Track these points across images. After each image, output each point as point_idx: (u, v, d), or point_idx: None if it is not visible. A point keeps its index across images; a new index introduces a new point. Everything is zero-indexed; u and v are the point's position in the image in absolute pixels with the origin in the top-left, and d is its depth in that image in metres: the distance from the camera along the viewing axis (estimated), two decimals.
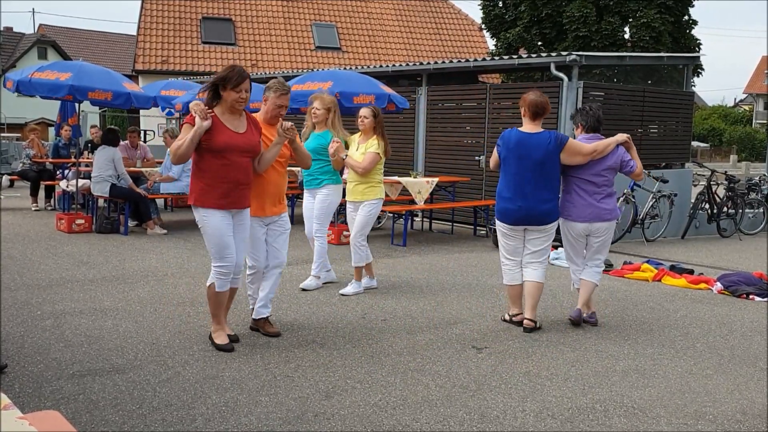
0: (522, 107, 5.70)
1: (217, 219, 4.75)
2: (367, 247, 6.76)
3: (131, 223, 10.30)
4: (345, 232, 9.04)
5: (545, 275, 5.77)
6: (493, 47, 26.05)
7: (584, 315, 5.88)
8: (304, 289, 6.74)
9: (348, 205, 6.91)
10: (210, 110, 4.71)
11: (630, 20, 23.23)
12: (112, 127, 10.85)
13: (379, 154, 6.64)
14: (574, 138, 5.91)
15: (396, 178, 10.53)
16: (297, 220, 8.22)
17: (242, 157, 4.79)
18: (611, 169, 5.78)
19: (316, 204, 6.82)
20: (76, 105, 11.51)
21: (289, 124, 5.03)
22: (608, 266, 8.41)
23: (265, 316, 5.34)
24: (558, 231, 5.92)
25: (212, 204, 4.73)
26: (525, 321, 5.63)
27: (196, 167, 4.81)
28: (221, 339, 4.94)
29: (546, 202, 5.58)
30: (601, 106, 10.92)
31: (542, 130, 5.65)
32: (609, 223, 5.79)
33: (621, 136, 5.85)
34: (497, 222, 5.82)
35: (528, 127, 5.66)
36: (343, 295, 6.58)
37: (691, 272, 8.09)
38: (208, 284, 4.90)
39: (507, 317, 5.86)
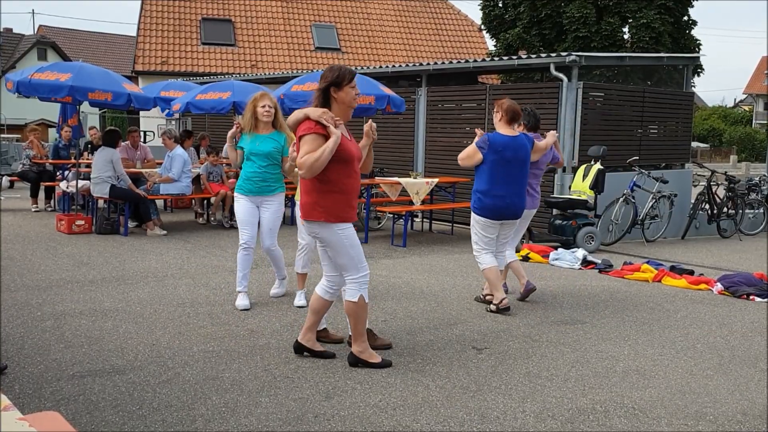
0: (498, 112, 6.10)
1: (353, 230, 4.53)
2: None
3: (131, 224, 10.30)
4: None
5: None
6: (493, 48, 26.08)
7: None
8: (272, 297, 6.49)
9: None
10: (338, 117, 4.39)
11: (630, 21, 23.24)
12: (112, 127, 10.83)
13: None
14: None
15: (395, 179, 10.53)
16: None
17: (357, 164, 4.55)
18: (545, 164, 6.81)
19: (271, 213, 6.24)
20: (76, 106, 11.49)
21: (374, 124, 4.77)
22: (608, 267, 8.41)
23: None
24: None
25: (351, 217, 4.48)
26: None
27: (321, 180, 4.40)
28: (376, 357, 4.63)
29: (524, 197, 6.20)
30: (601, 107, 10.97)
31: (517, 133, 6.12)
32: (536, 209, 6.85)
33: (554, 135, 6.78)
34: (479, 218, 6.16)
35: (506, 130, 6.08)
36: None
37: (692, 273, 8.09)
38: (354, 299, 4.50)
39: (494, 308, 6.13)
